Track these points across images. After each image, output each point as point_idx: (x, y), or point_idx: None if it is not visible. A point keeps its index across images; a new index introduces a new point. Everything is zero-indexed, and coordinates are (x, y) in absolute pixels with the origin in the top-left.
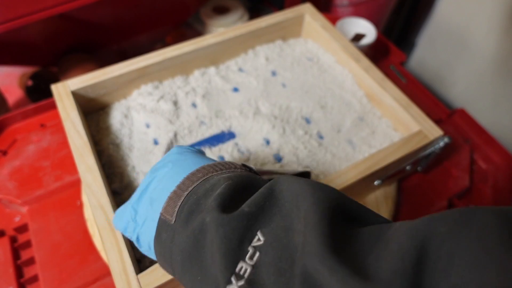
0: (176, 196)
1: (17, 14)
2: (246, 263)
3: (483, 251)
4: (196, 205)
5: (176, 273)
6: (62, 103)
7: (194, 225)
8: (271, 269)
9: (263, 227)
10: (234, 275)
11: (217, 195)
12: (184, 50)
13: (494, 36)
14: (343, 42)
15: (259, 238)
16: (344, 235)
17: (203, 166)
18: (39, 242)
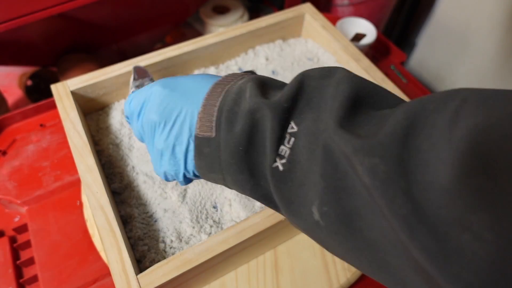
0: (207, 115)
1: (17, 13)
2: (285, 146)
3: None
4: (233, 113)
5: (228, 176)
6: (62, 103)
7: (241, 127)
8: (304, 150)
9: (295, 118)
10: (278, 156)
11: (251, 96)
12: (184, 50)
13: (494, 36)
14: (343, 42)
15: (292, 127)
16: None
17: (215, 83)
18: (39, 242)
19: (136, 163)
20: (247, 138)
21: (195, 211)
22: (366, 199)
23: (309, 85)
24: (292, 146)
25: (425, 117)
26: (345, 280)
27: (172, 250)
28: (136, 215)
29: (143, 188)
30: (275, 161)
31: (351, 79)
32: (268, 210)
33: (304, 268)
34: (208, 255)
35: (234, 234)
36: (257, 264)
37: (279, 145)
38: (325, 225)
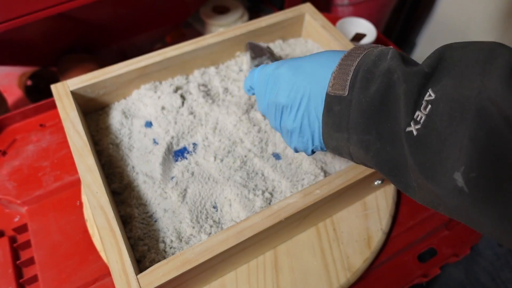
0: (341, 74)
1: (17, 13)
2: (421, 112)
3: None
4: (370, 73)
5: (353, 135)
6: (62, 103)
7: (376, 88)
8: (443, 117)
9: (433, 86)
10: (413, 120)
11: (391, 58)
12: (184, 50)
13: (494, 36)
14: (343, 42)
15: (430, 94)
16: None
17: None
18: (39, 242)
19: (136, 163)
20: (381, 98)
21: (195, 211)
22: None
23: (451, 56)
24: (429, 113)
25: None
26: (345, 280)
27: (172, 250)
28: (136, 215)
29: (143, 188)
30: (409, 125)
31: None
32: (268, 210)
33: (304, 268)
34: (208, 255)
35: (234, 234)
36: (257, 264)
37: (415, 110)
38: (471, 192)
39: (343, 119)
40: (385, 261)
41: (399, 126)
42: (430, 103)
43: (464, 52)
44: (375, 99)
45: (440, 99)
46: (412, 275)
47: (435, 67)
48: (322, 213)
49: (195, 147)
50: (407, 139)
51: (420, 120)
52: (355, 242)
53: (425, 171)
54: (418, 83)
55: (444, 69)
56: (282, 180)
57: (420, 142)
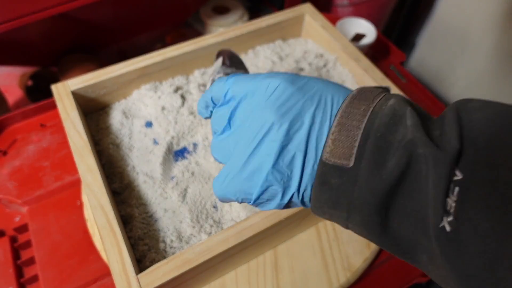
0: (345, 138)
1: (17, 14)
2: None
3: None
4: (385, 142)
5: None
6: (62, 103)
7: (396, 162)
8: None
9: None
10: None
11: (413, 126)
12: (184, 50)
13: (494, 36)
14: (343, 42)
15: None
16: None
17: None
18: (39, 242)
19: (136, 163)
20: (401, 177)
21: (195, 211)
22: None
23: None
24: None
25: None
26: (345, 280)
27: (172, 250)
28: (136, 215)
29: (143, 188)
30: (442, 220)
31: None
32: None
33: (304, 268)
34: (208, 255)
35: (234, 234)
36: (257, 264)
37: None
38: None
39: (343, 196)
40: (385, 261)
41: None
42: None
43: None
44: (395, 177)
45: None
46: (412, 274)
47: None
48: None
49: (196, 147)
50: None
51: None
52: (355, 242)
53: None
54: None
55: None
56: None
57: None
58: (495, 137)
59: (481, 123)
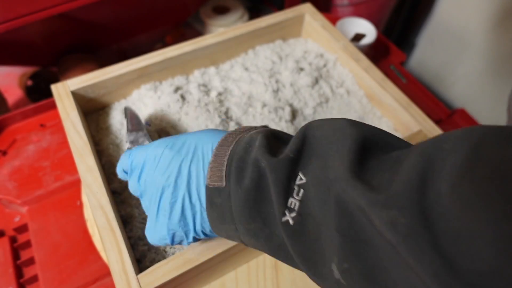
0: (217, 165)
1: (17, 13)
2: (294, 198)
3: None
4: (242, 162)
5: (240, 226)
6: (62, 103)
7: (248, 176)
8: (315, 202)
9: (303, 168)
10: (287, 209)
11: (259, 146)
12: (184, 50)
13: (494, 36)
14: (343, 42)
15: (301, 177)
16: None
17: (226, 135)
18: (39, 242)
19: None
20: (256, 187)
21: None
22: (389, 252)
23: (314, 135)
24: (302, 198)
25: (442, 158)
26: None
27: (172, 250)
28: (136, 215)
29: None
30: (285, 215)
31: (354, 125)
32: None
33: None
34: (208, 255)
35: None
36: (257, 264)
37: (287, 198)
38: (347, 283)
39: (226, 211)
40: None
41: (276, 217)
42: (302, 187)
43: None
44: (251, 188)
45: (311, 182)
46: None
47: (301, 149)
48: None
49: None
50: (284, 230)
51: (295, 207)
52: None
53: (307, 263)
54: (284, 171)
55: (310, 149)
56: None
57: (297, 231)
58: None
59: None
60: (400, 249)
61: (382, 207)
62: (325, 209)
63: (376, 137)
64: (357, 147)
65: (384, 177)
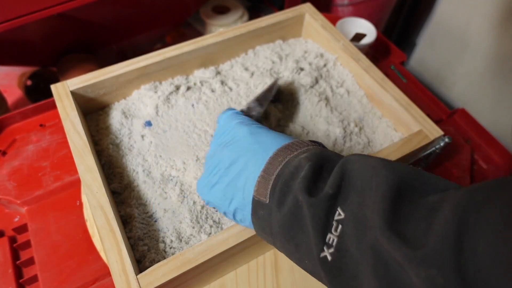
0: (264, 180)
1: (17, 13)
2: (333, 234)
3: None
4: (286, 187)
5: (277, 242)
6: (62, 103)
7: (289, 204)
8: (352, 238)
9: (342, 204)
10: (326, 244)
11: (302, 178)
12: (184, 50)
13: (494, 36)
14: (343, 42)
15: (339, 213)
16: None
17: (279, 149)
18: (39, 243)
19: (136, 163)
20: (293, 217)
21: (195, 211)
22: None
23: (352, 169)
24: (340, 233)
25: (476, 211)
26: None
27: (172, 250)
28: (136, 215)
29: (143, 188)
30: (323, 251)
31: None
32: None
33: None
34: (208, 255)
35: (234, 234)
36: (257, 264)
37: (325, 234)
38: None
39: (267, 225)
40: None
41: (312, 251)
42: (340, 223)
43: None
44: (288, 216)
45: (349, 218)
46: None
47: (340, 184)
48: None
49: None
50: (322, 265)
51: (333, 243)
52: None
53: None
54: (324, 207)
55: (349, 184)
56: None
57: (335, 267)
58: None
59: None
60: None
61: (419, 263)
62: (362, 248)
63: (413, 179)
64: (393, 194)
65: (420, 228)
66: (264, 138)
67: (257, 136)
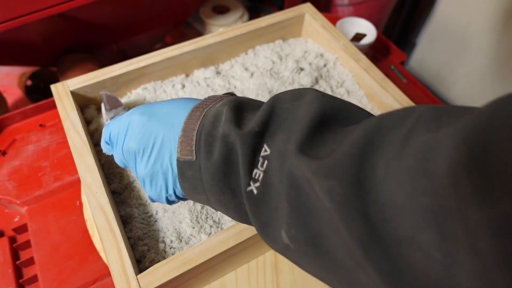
0: (186, 139)
1: (17, 13)
2: (259, 169)
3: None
4: (211, 137)
5: (211, 196)
6: (62, 103)
7: (217, 150)
8: (275, 172)
9: (268, 140)
10: (252, 179)
11: (224, 122)
12: (184, 50)
13: (494, 36)
14: (343, 42)
15: (265, 149)
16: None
17: (192, 109)
18: (39, 243)
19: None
20: (225, 161)
21: (195, 211)
22: (328, 220)
23: (281, 108)
24: (266, 168)
25: (382, 134)
26: None
27: (172, 250)
28: (136, 215)
29: (143, 188)
30: (249, 185)
31: (319, 99)
32: None
33: None
34: (208, 255)
35: (234, 234)
36: (257, 264)
37: (252, 169)
38: (294, 247)
39: (198, 183)
40: None
41: (240, 189)
42: (266, 159)
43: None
44: (220, 162)
45: (274, 154)
46: None
47: (267, 122)
48: None
49: None
50: (247, 199)
51: (259, 177)
52: None
53: (263, 230)
54: (251, 142)
55: (275, 122)
56: None
57: (259, 200)
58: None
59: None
60: (335, 216)
61: (323, 176)
62: (281, 180)
63: (337, 111)
64: (313, 124)
65: (331, 149)
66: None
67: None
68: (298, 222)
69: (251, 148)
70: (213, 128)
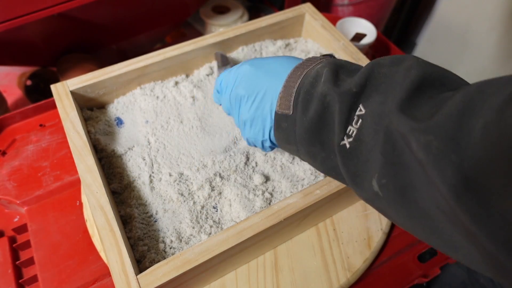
0: (286, 95)
1: (17, 13)
2: (353, 126)
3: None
4: (309, 95)
5: (301, 148)
6: (62, 103)
7: (314, 108)
8: (369, 130)
9: (364, 101)
10: (346, 135)
11: (324, 82)
12: (184, 50)
13: (494, 36)
14: (343, 42)
15: (360, 109)
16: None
17: (294, 68)
18: (39, 243)
19: (135, 163)
20: (319, 118)
21: (195, 211)
22: (420, 173)
23: (379, 72)
24: (359, 126)
25: (482, 100)
26: (345, 280)
27: (172, 250)
28: (136, 215)
29: (143, 188)
30: (343, 140)
31: (419, 65)
32: (268, 210)
33: (304, 268)
34: (208, 255)
35: (234, 234)
36: (257, 264)
37: (347, 126)
38: (383, 195)
39: (291, 135)
40: (385, 261)
41: (335, 141)
42: (360, 118)
43: (389, 70)
44: (314, 118)
45: (368, 114)
46: (412, 275)
47: (364, 84)
48: (322, 213)
49: None
50: (340, 152)
51: (352, 134)
52: (355, 242)
53: (354, 179)
54: (348, 101)
55: (372, 85)
56: (282, 180)
57: (351, 153)
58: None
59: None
60: (429, 167)
61: (421, 132)
62: (376, 137)
63: (436, 77)
64: (413, 87)
65: (430, 111)
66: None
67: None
68: (389, 172)
69: (348, 106)
70: (312, 88)
